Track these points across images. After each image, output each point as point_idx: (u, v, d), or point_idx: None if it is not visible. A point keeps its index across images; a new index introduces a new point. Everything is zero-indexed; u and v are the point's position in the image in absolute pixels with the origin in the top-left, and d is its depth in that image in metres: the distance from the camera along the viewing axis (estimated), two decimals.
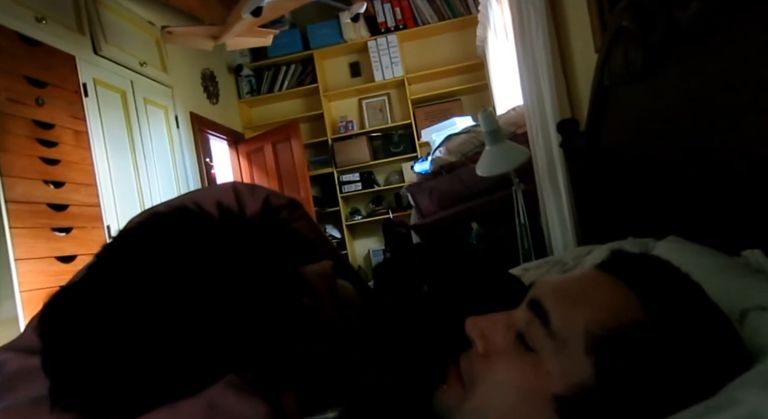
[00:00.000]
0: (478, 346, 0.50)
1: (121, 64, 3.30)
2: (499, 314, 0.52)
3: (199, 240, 0.47)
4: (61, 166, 2.65)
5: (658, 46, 1.03)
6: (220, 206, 0.52)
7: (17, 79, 2.48)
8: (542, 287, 0.51)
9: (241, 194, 0.72)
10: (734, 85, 0.81)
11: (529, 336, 0.47)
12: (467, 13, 4.61)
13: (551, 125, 1.83)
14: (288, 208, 0.71)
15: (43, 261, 2.45)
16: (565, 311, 0.46)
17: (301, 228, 0.70)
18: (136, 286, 0.43)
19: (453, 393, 0.51)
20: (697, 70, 0.92)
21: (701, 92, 0.91)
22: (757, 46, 0.75)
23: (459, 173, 2.34)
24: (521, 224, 1.91)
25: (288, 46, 4.85)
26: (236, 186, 0.75)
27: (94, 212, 2.85)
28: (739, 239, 0.78)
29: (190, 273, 0.44)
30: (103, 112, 3.06)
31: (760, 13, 0.74)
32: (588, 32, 1.59)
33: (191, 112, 4.13)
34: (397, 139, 4.86)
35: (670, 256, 0.52)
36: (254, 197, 0.72)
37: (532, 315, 0.48)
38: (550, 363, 0.45)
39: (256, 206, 0.64)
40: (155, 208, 0.58)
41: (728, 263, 0.69)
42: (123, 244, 0.48)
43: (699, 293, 0.47)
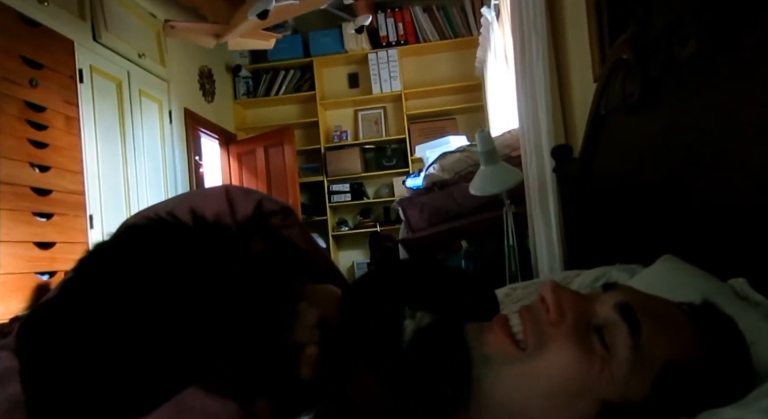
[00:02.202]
0: (553, 314, 0.49)
1: (119, 53, 3.28)
2: (578, 294, 0.52)
3: (172, 255, 0.46)
4: (49, 150, 2.61)
5: (656, 80, 1.05)
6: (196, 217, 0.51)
7: (13, 58, 2.45)
8: (633, 295, 0.51)
9: (233, 197, 0.71)
10: (728, 118, 0.83)
11: (609, 335, 0.47)
12: (468, 34, 4.67)
13: (545, 149, 1.85)
14: (281, 214, 0.70)
15: (21, 245, 2.40)
16: (657, 335, 0.47)
17: (294, 235, 0.69)
18: (109, 302, 0.43)
19: (503, 346, 0.50)
20: (692, 103, 0.94)
21: (695, 124, 0.93)
22: (751, 81, 0.77)
23: (451, 191, 2.35)
24: (510, 245, 1.91)
25: (288, 51, 4.86)
26: (229, 189, 0.73)
27: (78, 200, 2.81)
28: (727, 265, 0.79)
29: (162, 288, 0.44)
30: (96, 100, 3.03)
31: (754, 49, 0.76)
32: (587, 62, 1.62)
33: (185, 108, 4.10)
34: (390, 153, 4.88)
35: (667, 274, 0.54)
36: (247, 201, 0.71)
37: (618, 317, 0.48)
38: (619, 370, 0.46)
39: (249, 210, 0.63)
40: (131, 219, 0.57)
41: (718, 288, 0.71)
42: (97, 259, 0.48)
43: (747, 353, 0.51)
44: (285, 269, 0.54)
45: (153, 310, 0.43)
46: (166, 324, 0.42)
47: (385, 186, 4.96)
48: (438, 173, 2.48)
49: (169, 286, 0.44)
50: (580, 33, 1.67)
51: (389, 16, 4.78)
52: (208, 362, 0.44)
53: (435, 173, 2.49)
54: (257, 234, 0.56)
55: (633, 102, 1.13)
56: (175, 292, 0.44)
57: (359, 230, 4.86)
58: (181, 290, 0.44)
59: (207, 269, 0.46)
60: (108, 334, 0.41)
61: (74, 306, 0.43)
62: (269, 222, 0.62)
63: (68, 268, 2.21)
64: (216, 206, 0.56)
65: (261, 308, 0.47)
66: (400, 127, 4.89)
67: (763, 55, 0.74)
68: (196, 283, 0.45)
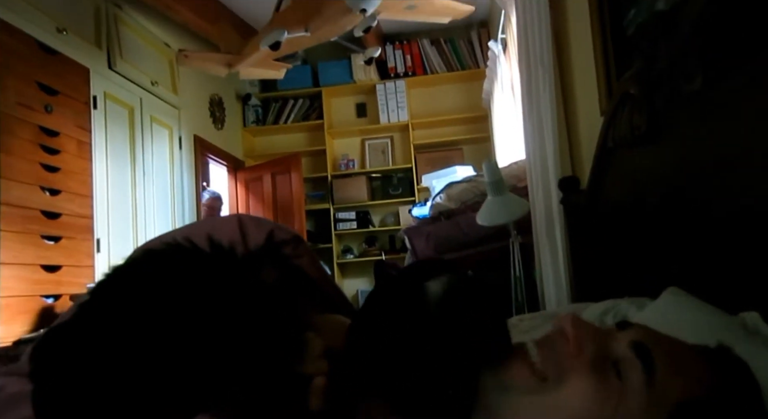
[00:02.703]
0: (573, 346, 0.50)
1: (132, 81, 3.35)
2: (597, 328, 0.53)
3: (188, 281, 0.47)
4: (60, 174, 2.64)
5: (662, 113, 1.06)
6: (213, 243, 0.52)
7: (29, 85, 2.51)
8: (649, 335, 0.52)
9: (245, 226, 0.72)
10: (733, 148, 0.84)
11: (624, 369, 0.48)
12: (475, 67, 4.74)
13: (552, 181, 1.86)
14: (292, 243, 0.70)
15: (28, 268, 2.41)
16: (671, 375, 0.48)
17: (305, 264, 0.69)
18: (124, 328, 0.43)
19: (523, 375, 0.50)
20: (697, 135, 0.96)
21: (701, 155, 0.94)
22: (754, 111, 0.78)
23: (458, 220, 2.35)
24: (516, 276, 1.90)
25: (298, 81, 4.94)
26: (241, 218, 0.74)
27: (86, 223, 2.83)
28: (736, 297, 0.79)
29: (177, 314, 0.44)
30: (109, 125, 3.08)
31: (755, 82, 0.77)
32: (594, 95, 1.64)
33: (195, 134, 4.16)
34: (397, 181, 4.91)
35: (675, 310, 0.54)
36: (259, 230, 0.72)
37: (633, 355, 0.49)
38: (633, 402, 0.47)
39: (260, 239, 0.64)
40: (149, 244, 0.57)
41: (727, 324, 0.70)
42: (113, 283, 0.48)
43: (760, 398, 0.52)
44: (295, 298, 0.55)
45: (166, 336, 0.43)
46: (179, 351, 0.43)
47: (391, 215, 4.97)
48: (445, 202, 2.49)
49: (183, 312, 0.44)
50: (587, 67, 1.69)
51: (397, 48, 4.87)
52: (218, 390, 0.44)
53: (442, 203, 2.50)
54: (269, 263, 0.57)
55: (640, 135, 1.15)
56: (189, 319, 0.44)
57: (364, 258, 4.85)
58: (195, 317, 0.44)
59: (221, 296, 0.46)
60: (121, 359, 0.41)
61: (89, 330, 0.43)
62: (281, 251, 0.62)
63: (74, 291, 2.21)
64: (228, 235, 0.57)
65: (270, 336, 0.48)
66: (407, 156, 4.92)
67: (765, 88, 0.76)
68: (209, 310, 0.45)
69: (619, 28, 1.45)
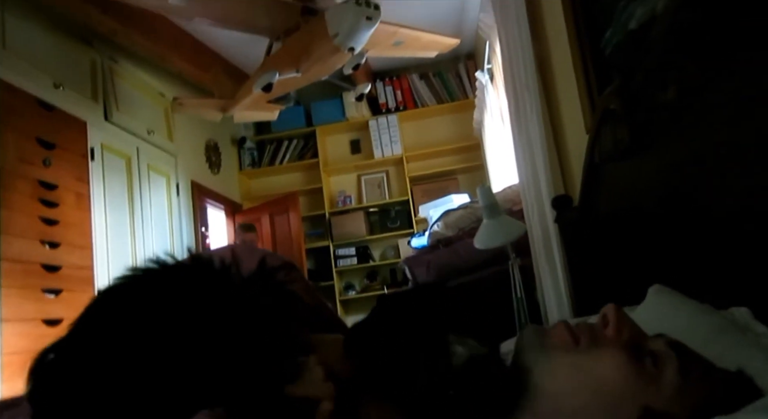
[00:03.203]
0: (611, 329, 0.54)
1: (129, 130, 3.41)
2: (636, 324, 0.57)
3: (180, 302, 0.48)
4: (60, 226, 2.66)
5: (643, 125, 1.10)
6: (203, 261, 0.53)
7: (28, 140, 2.56)
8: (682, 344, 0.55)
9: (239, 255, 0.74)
10: (712, 155, 0.87)
11: (662, 360, 0.51)
12: (464, 98, 4.84)
13: (546, 201, 1.88)
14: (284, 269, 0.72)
15: (29, 323, 2.39)
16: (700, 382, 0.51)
17: (298, 290, 0.71)
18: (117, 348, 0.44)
19: (562, 337, 0.54)
20: (678, 143, 0.98)
21: (683, 163, 0.97)
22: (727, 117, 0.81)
23: (456, 247, 2.36)
24: (518, 297, 1.90)
25: (292, 122, 5.03)
26: (234, 248, 0.76)
27: (86, 274, 2.83)
28: (728, 295, 0.81)
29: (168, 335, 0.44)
30: (106, 176, 3.12)
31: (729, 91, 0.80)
32: (579, 114, 1.68)
33: (192, 180, 4.20)
34: (394, 214, 4.93)
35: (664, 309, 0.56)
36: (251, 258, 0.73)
37: (671, 351, 0.52)
38: (665, 389, 0.50)
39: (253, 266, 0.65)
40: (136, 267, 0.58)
41: (718, 321, 0.71)
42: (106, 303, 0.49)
43: None
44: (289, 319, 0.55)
45: (160, 356, 0.43)
46: (172, 372, 0.43)
47: (391, 248, 4.97)
48: (442, 230, 2.51)
49: (174, 334, 0.45)
50: (570, 88, 1.74)
51: (387, 84, 4.98)
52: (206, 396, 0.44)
53: (439, 231, 2.51)
54: (263, 287, 0.58)
55: (624, 148, 1.17)
56: (181, 340, 0.44)
57: (367, 293, 4.82)
58: (187, 338, 0.45)
59: (217, 316, 0.47)
60: (116, 379, 0.42)
61: (83, 350, 0.44)
62: (274, 277, 0.63)
63: None
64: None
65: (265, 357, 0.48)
66: (403, 189, 4.96)
67: (737, 96, 0.79)
68: (202, 331, 0.46)
69: (597, 49, 1.50)
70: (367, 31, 2.64)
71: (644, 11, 1.15)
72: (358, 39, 2.66)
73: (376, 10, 2.56)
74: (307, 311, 0.70)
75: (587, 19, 1.55)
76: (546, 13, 2.00)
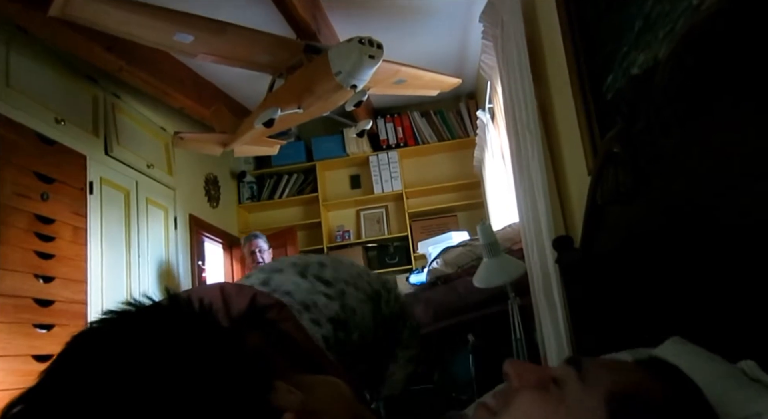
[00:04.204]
0: (514, 381, 0.58)
1: (129, 165, 3.42)
2: (534, 364, 0.62)
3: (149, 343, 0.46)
4: (55, 261, 2.63)
5: (645, 169, 1.09)
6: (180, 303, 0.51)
7: (26, 175, 2.55)
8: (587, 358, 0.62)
9: (227, 294, 0.72)
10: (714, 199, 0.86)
11: (561, 379, 0.57)
12: (465, 136, 4.88)
13: (546, 241, 1.86)
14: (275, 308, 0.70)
15: (18, 359, 2.33)
16: (598, 368, 0.57)
17: (289, 329, 0.69)
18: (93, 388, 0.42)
19: (483, 415, 0.59)
20: (680, 185, 0.98)
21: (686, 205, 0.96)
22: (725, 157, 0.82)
23: (455, 285, 2.34)
24: (517, 338, 1.86)
25: (292, 156, 5.05)
26: (224, 287, 0.75)
27: (79, 309, 2.78)
28: (734, 346, 0.80)
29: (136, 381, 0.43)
30: (104, 210, 3.10)
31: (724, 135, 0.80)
32: (581, 157, 1.68)
33: (190, 214, 4.19)
34: (393, 250, 4.90)
35: (676, 358, 0.58)
36: (241, 297, 0.72)
37: (568, 367, 0.58)
38: (572, 399, 0.55)
39: (243, 305, 0.64)
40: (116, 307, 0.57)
41: (728, 371, 0.72)
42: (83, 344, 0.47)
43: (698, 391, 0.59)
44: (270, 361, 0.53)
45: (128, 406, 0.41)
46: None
47: None
48: (441, 267, 2.48)
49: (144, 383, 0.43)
50: (572, 130, 1.75)
51: (388, 121, 5.03)
52: None
53: (438, 268, 2.49)
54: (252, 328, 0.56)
55: (626, 191, 1.16)
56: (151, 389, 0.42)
57: None
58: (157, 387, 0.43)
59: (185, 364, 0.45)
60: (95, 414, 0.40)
61: (50, 402, 0.43)
62: (264, 316, 0.62)
63: None
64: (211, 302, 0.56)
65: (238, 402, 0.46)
66: (402, 225, 4.95)
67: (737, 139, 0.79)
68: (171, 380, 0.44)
69: (599, 93, 1.51)
70: (370, 69, 2.68)
71: (647, 57, 1.16)
72: (360, 77, 2.70)
73: (378, 49, 2.60)
74: (298, 351, 0.68)
75: (589, 63, 1.57)
76: (547, 57, 2.03)
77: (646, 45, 1.21)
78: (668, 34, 1.10)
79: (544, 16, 2.01)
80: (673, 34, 1.07)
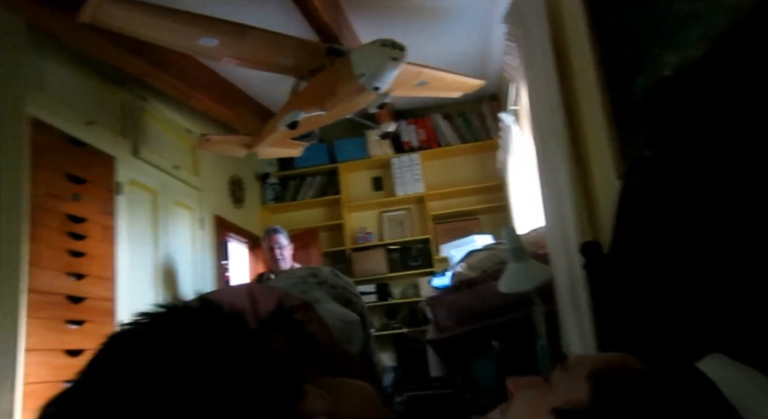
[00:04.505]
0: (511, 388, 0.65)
1: (156, 166, 3.48)
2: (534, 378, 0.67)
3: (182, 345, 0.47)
4: (85, 259, 2.69)
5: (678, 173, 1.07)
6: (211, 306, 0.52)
7: (58, 176, 2.62)
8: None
9: (256, 295, 0.73)
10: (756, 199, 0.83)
11: (551, 376, 0.60)
12: (487, 138, 4.85)
13: (573, 246, 1.83)
14: (302, 309, 0.71)
15: (51, 353, 2.40)
16: (581, 357, 0.61)
17: (315, 330, 0.69)
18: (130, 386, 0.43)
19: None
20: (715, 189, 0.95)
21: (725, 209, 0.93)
22: None
23: (479, 289, 2.32)
24: (542, 346, 1.84)
25: (315, 158, 5.08)
26: (252, 288, 0.76)
27: (108, 306, 2.84)
28: None
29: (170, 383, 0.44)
30: (133, 210, 3.17)
31: None
32: (608, 159, 1.65)
33: (216, 214, 4.25)
34: (415, 253, 4.89)
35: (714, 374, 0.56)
36: (269, 298, 0.73)
37: (557, 368, 0.60)
38: (557, 386, 0.57)
39: (270, 306, 0.64)
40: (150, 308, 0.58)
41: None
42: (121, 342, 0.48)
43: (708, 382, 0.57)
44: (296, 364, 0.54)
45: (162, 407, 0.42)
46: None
47: (411, 287, 4.91)
48: (465, 271, 2.47)
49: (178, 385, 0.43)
50: (599, 132, 1.72)
51: (411, 123, 5.03)
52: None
53: (462, 272, 2.47)
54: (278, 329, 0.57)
55: (658, 196, 1.14)
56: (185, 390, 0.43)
57: (385, 331, 4.75)
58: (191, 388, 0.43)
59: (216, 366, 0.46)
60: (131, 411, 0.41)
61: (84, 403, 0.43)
62: (291, 317, 0.62)
63: None
64: (239, 304, 0.57)
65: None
66: (424, 227, 4.94)
67: None
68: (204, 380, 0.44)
69: (628, 95, 1.48)
70: (393, 71, 2.68)
71: (679, 58, 1.14)
72: (383, 79, 2.70)
73: (401, 51, 2.60)
74: (325, 353, 0.68)
75: (616, 64, 1.54)
76: (573, 58, 2.00)
77: (677, 45, 1.18)
78: (703, 34, 1.07)
79: (569, 16, 1.98)
80: (707, 35, 1.04)
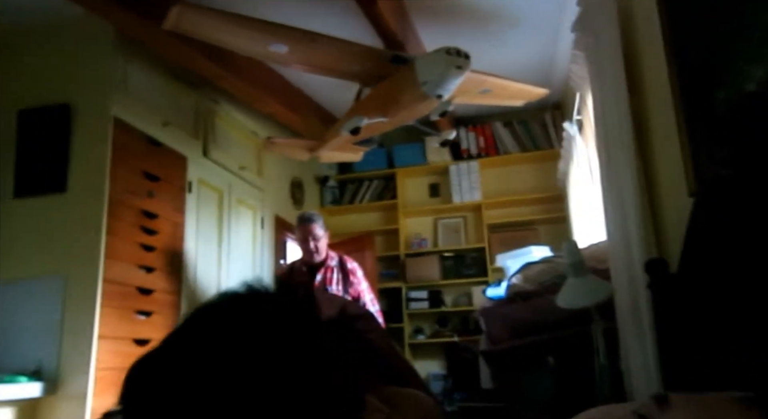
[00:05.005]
0: None
1: (223, 166, 3.63)
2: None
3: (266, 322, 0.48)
4: (156, 253, 2.85)
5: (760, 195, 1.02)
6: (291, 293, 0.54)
7: (136, 174, 2.79)
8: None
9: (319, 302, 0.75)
10: None
11: (646, 411, 0.63)
12: (548, 147, 4.75)
13: (637, 264, 1.78)
14: (364, 319, 0.73)
15: (122, 342, 2.55)
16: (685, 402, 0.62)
17: (375, 340, 0.71)
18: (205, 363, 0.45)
19: None
20: None
21: None
22: None
23: (534, 303, 2.28)
24: (601, 365, 1.79)
25: (373, 163, 5.14)
26: (315, 295, 0.78)
27: (174, 299, 2.98)
28: None
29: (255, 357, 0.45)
30: (200, 208, 3.32)
31: None
32: (680, 174, 1.58)
33: (276, 215, 4.37)
34: (469, 261, 4.86)
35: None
36: (330, 306, 0.75)
37: (653, 402, 0.63)
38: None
39: (332, 314, 0.66)
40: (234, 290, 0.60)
41: None
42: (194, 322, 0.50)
43: None
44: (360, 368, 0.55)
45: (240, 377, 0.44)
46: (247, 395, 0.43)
47: (463, 295, 4.88)
48: (521, 283, 2.44)
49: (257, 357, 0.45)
50: (671, 146, 1.65)
51: (470, 130, 5.01)
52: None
53: (518, 284, 2.44)
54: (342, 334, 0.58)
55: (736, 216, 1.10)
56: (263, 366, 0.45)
57: (436, 339, 4.73)
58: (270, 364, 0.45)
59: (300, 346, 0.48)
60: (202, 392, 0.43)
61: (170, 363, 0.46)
62: (354, 325, 0.64)
63: None
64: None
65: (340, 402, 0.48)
66: (480, 236, 4.90)
67: None
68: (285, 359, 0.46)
69: (706, 110, 1.42)
70: (457, 79, 2.68)
71: (766, 72, 1.09)
72: (446, 87, 2.71)
73: (466, 59, 2.60)
74: (385, 363, 0.70)
75: (694, 77, 1.48)
76: (645, 69, 1.94)
77: (764, 59, 1.12)
78: None
79: (642, 25, 1.93)
80: None
